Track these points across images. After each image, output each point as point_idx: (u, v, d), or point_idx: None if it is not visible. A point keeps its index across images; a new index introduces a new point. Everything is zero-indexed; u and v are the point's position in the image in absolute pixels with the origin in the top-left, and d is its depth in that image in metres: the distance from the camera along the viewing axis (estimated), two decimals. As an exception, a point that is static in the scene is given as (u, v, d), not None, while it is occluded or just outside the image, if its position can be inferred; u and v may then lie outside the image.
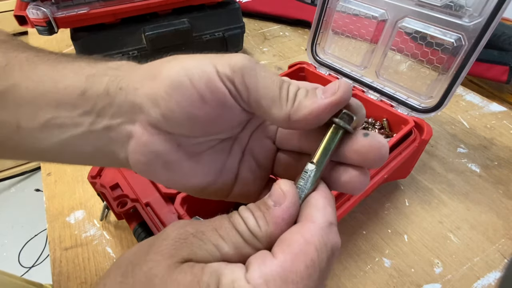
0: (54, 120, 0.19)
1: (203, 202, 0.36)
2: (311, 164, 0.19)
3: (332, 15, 0.52)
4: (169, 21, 0.65)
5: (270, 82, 0.19)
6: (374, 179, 0.39)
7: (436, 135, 0.60)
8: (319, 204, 0.18)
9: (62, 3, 0.57)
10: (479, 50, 0.38)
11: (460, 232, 0.45)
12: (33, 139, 0.20)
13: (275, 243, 0.17)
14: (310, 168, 0.19)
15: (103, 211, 0.44)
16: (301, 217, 0.18)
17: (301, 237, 0.16)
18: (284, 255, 0.15)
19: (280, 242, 0.16)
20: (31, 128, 0.19)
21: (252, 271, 0.15)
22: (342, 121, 0.19)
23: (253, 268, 0.15)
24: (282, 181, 0.18)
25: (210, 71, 0.18)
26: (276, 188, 0.18)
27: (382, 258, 0.42)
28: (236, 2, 0.71)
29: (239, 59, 0.19)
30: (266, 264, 0.15)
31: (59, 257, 0.41)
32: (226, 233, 0.17)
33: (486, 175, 0.53)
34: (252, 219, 0.17)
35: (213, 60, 0.19)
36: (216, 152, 0.22)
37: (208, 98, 0.18)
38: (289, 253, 0.15)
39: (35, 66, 0.20)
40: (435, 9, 0.41)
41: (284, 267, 0.15)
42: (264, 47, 0.85)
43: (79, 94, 0.19)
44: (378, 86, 0.50)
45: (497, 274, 0.40)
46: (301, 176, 0.19)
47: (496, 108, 0.67)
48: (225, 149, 0.22)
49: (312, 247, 0.16)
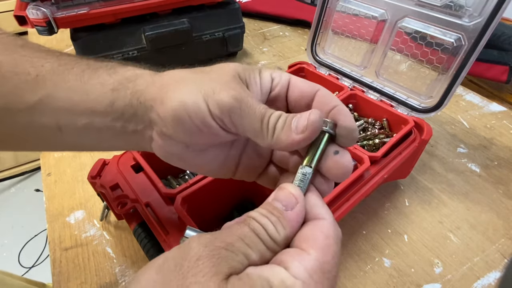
0: (91, 124, 0.23)
1: (203, 203, 0.37)
2: (309, 168, 0.21)
3: (332, 15, 0.52)
4: (169, 21, 0.65)
5: (252, 118, 0.21)
6: (374, 179, 0.39)
7: (436, 135, 0.60)
8: (319, 203, 0.21)
9: (62, 3, 0.57)
10: (479, 50, 0.38)
11: (460, 232, 0.45)
12: (74, 138, 0.24)
13: (296, 241, 0.19)
14: (308, 171, 0.21)
15: (103, 211, 0.44)
16: (309, 215, 0.20)
17: (322, 233, 0.19)
18: (315, 250, 0.18)
19: (305, 239, 0.18)
20: (73, 130, 0.24)
21: (295, 268, 0.17)
22: (327, 128, 0.21)
23: (294, 265, 0.17)
24: (290, 186, 0.20)
25: (204, 110, 0.21)
26: (286, 193, 0.20)
27: (382, 258, 0.42)
28: (236, 2, 0.71)
29: (226, 99, 0.21)
30: (305, 259, 0.17)
31: (59, 257, 0.41)
32: (252, 242, 0.18)
33: (486, 175, 0.53)
34: (270, 225, 0.19)
35: (207, 96, 0.21)
36: (219, 148, 0.25)
37: (204, 130, 0.22)
38: (318, 248, 0.18)
39: (63, 76, 0.23)
40: (435, 9, 0.41)
41: (319, 259, 0.17)
42: (264, 47, 0.85)
43: (109, 105, 0.23)
44: (378, 86, 0.50)
45: (497, 274, 0.40)
46: (300, 178, 0.21)
47: (496, 108, 0.67)
48: (227, 144, 0.26)
49: (332, 240, 0.18)
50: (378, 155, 0.40)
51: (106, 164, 0.39)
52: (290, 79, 0.24)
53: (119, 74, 0.24)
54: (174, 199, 0.34)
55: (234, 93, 0.21)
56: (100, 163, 0.39)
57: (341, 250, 0.19)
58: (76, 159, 0.54)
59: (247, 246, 0.18)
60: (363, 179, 0.38)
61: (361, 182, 0.38)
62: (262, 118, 0.21)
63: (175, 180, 0.43)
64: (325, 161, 0.21)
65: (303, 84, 0.24)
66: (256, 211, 0.20)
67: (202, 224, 0.32)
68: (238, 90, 0.22)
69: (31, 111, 0.22)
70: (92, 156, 0.54)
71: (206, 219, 0.37)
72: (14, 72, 0.22)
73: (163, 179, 0.41)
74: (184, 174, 0.45)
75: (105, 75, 0.24)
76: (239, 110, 0.21)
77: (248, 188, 0.43)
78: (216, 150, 0.25)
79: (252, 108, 0.21)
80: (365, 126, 0.50)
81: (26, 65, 0.23)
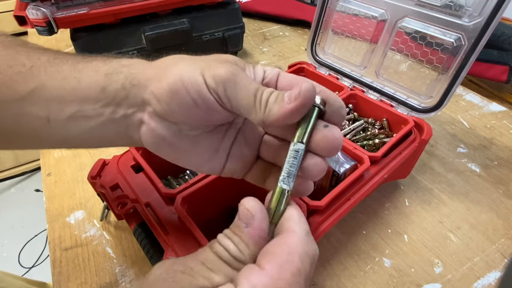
0: (79, 112, 0.23)
1: (203, 203, 0.37)
2: (301, 144, 0.21)
3: (332, 15, 0.52)
4: (169, 21, 0.65)
5: (246, 92, 0.21)
6: (374, 179, 0.39)
7: (436, 135, 0.60)
8: (295, 216, 0.20)
9: (62, 3, 0.57)
10: (479, 50, 0.38)
11: (460, 232, 0.45)
12: (62, 129, 0.23)
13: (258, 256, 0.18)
14: (301, 148, 0.21)
15: (103, 212, 0.44)
16: (281, 228, 0.19)
17: (286, 248, 0.18)
18: (271, 265, 0.17)
19: (265, 254, 0.18)
20: (60, 120, 0.23)
21: (241, 285, 0.16)
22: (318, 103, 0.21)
23: (241, 282, 0.16)
24: (245, 199, 0.20)
25: (201, 82, 0.21)
26: (241, 209, 0.19)
27: (382, 258, 0.42)
28: (236, 2, 0.71)
29: (222, 72, 0.21)
30: (254, 275, 0.16)
31: (59, 257, 0.41)
32: (213, 265, 0.18)
33: (486, 175, 0.53)
34: (232, 246, 0.18)
35: (203, 70, 0.22)
36: (212, 136, 0.25)
37: (200, 104, 0.22)
38: (275, 263, 0.17)
39: (57, 67, 0.23)
40: (435, 9, 0.41)
41: (272, 276, 0.16)
42: (264, 47, 0.85)
43: (100, 91, 0.22)
44: (378, 86, 0.50)
45: (497, 274, 0.40)
46: (292, 156, 0.21)
47: (496, 108, 0.67)
48: (221, 132, 0.26)
49: (296, 256, 0.17)
50: (378, 155, 0.40)
51: (106, 164, 0.39)
52: (279, 72, 0.25)
53: (114, 61, 0.24)
54: (174, 199, 0.34)
55: (230, 68, 0.22)
56: (100, 163, 0.39)
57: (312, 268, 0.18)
58: (76, 159, 0.54)
59: (209, 270, 0.18)
60: (363, 179, 0.38)
61: (361, 182, 0.38)
62: (256, 92, 0.21)
63: (175, 180, 0.43)
64: (314, 136, 0.21)
65: (291, 76, 0.25)
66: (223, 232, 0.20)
67: (202, 224, 0.32)
68: (234, 67, 0.22)
69: (22, 102, 0.22)
70: (92, 156, 0.54)
71: (206, 219, 0.37)
72: (8, 65, 0.22)
73: (163, 179, 0.41)
74: (184, 174, 0.45)
75: (100, 63, 0.24)
76: (234, 83, 0.21)
77: (248, 188, 0.43)
78: (209, 138, 0.25)
79: (246, 82, 0.22)
80: (365, 126, 0.50)
81: (22, 57, 0.23)
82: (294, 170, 0.21)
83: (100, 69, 0.23)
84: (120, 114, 0.23)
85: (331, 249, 0.42)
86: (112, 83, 0.23)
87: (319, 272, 0.40)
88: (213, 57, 0.24)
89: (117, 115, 0.23)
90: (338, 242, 0.43)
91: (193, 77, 0.21)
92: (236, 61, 0.24)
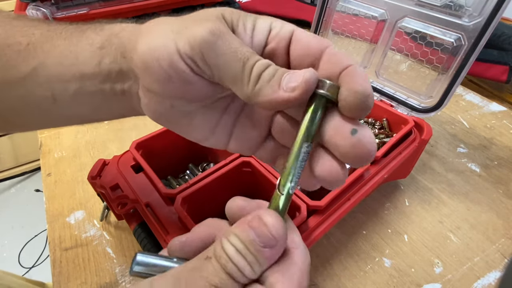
0: (82, 89, 0.22)
1: (203, 203, 0.36)
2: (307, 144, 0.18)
3: (332, 15, 0.52)
4: (169, 21, 0.65)
5: (231, 57, 0.17)
6: (374, 179, 0.39)
7: (436, 135, 0.60)
8: (291, 225, 0.19)
9: (62, 3, 0.57)
10: (479, 50, 0.38)
11: (460, 232, 0.45)
12: (70, 107, 0.23)
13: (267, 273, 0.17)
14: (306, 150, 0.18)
15: (103, 212, 0.44)
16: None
17: (297, 269, 0.17)
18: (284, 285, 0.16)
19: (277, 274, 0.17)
20: (66, 99, 0.22)
21: None
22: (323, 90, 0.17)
23: None
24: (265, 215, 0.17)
25: (173, 51, 0.18)
26: (261, 228, 0.17)
27: (382, 258, 0.42)
28: (236, 2, 0.71)
29: (198, 34, 0.18)
30: None
31: (59, 257, 0.41)
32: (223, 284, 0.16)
33: (486, 175, 0.53)
34: (248, 268, 0.16)
35: (178, 33, 0.18)
36: (209, 111, 0.22)
37: (174, 77, 0.19)
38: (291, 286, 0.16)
39: (52, 42, 0.22)
40: (435, 9, 0.41)
41: None
42: (264, 47, 0.85)
43: (96, 64, 0.21)
44: (378, 86, 0.50)
45: (497, 274, 0.40)
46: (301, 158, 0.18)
47: (496, 108, 0.67)
48: (219, 108, 0.23)
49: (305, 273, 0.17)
50: (378, 155, 0.40)
51: (106, 164, 0.39)
52: (294, 30, 0.19)
53: (106, 30, 0.22)
54: (174, 199, 0.34)
55: (211, 26, 0.18)
56: (100, 163, 0.39)
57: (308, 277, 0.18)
58: (76, 159, 0.54)
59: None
60: (363, 179, 0.38)
61: (361, 182, 0.38)
62: (245, 61, 0.17)
63: (175, 180, 0.43)
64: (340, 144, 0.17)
65: (310, 38, 0.19)
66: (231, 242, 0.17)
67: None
68: (217, 25, 0.18)
69: (25, 83, 0.22)
70: (92, 156, 0.54)
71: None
72: (6, 44, 0.22)
73: (163, 179, 0.41)
74: (184, 174, 0.45)
75: (93, 34, 0.22)
76: (214, 45, 0.17)
77: (249, 188, 0.43)
78: (204, 113, 0.22)
79: (232, 46, 0.18)
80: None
81: (17, 35, 0.22)
82: (298, 174, 0.18)
83: (94, 41, 0.21)
84: (119, 89, 0.22)
85: (331, 249, 0.42)
86: (106, 57, 0.21)
87: (319, 272, 0.40)
88: (195, 14, 0.20)
89: (117, 90, 0.22)
90: (338, 242, 0.43)
91: (164, 45, 0.18)
92: (225, 15, 0.19)
